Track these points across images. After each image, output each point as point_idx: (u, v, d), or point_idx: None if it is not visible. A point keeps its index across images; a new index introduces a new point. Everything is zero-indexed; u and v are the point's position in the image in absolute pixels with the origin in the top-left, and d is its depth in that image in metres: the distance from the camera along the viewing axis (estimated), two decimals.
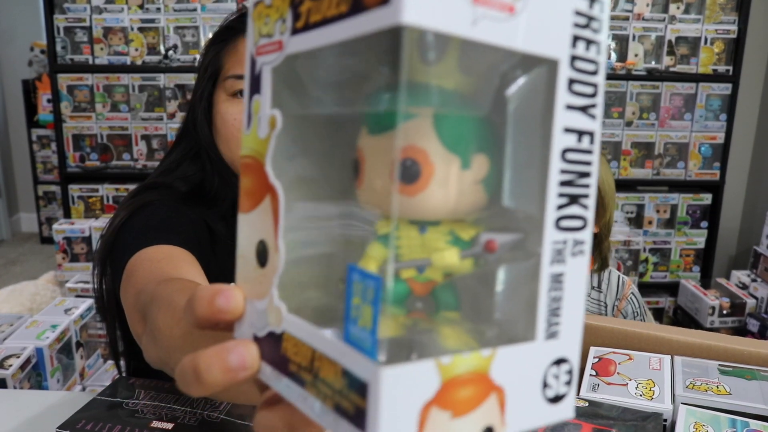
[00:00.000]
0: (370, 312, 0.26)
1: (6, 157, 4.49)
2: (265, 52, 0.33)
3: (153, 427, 0.62)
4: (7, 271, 3.83)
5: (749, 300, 2.60)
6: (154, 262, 0.77)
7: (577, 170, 0.30)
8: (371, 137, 0.30)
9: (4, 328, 1.42)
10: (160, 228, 0.86)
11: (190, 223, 0.91)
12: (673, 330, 0.83)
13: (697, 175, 2.86)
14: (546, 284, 0.29)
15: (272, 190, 0.32)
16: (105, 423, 0.62)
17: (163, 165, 1.02)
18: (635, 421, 0.64)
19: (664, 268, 2.94)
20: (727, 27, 2.73)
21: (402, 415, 0.26)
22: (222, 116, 0.94)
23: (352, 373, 0.27)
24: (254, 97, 0.34)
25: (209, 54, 0.97)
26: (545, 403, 0.30)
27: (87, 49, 2.66)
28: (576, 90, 0.29)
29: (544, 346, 0.30)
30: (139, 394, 0.68)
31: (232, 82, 0.93)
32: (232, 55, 0.95)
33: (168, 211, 0.92)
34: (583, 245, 0.30)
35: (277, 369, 0.32)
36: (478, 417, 0.28)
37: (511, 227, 0.30)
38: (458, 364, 0.27)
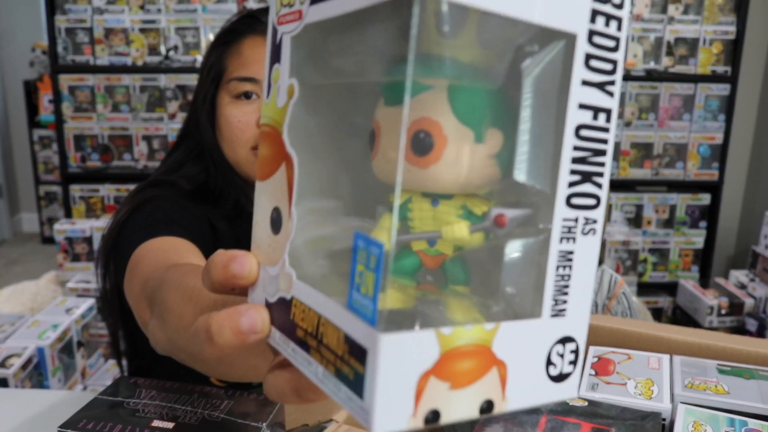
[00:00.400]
0: (372, 279, 0.26)
1: (7, 157, 4.50)
2: (286, 21, 0.33)
3: (154, 426, 0.62)
4: (9, 271, 3.84)
5: (748, 300, 2.60)
6: (160, 252, 0.77)
7: (591, 147, 0.29)
8: (388, 108, 0.30)
9: (6, 328, 1.42)
10: (165, 221, 0.87)
11: (193, 219, 0.92)
12: (672, 329, 0.83)
13: (695, 175, 2.86)
14: (554, 261, 0.29)
15: (288, 158, 0.32)
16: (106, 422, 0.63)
17: (165, 165, 1.02)
18: (634, 420, 0.64)
19: (663, 268, 2.95)
20: (726, 28, 2.73)
21: (399, 383, 0.26)
22: (226, 118, 0.94)
23: (352, 338, 0.27)
24: (274, 66, 0.34)
25: (212, 56, 0.98)
26: (548, 380, 0.30)
27: (88, 50, 2.67)
28: (593, 66, 0.28)
29: (550, 323, 0.29)
30: (140, 393, 0.68)
31: (235, 84, 0.94)
32: (235, 57, 0.96)
33: (172, 205, 0.92)
34: (596, 224, 0.30)
35: (285, 334, 0.32)
36: (477, 390, 0.28)
37: (523, 203, 0.30)
38: (459, 336, 0.27)
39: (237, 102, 0.94)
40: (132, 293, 0.77)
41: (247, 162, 0.96)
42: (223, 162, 0.97)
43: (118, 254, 0.87)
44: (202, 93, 0.97)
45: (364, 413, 0.26)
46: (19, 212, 4.65)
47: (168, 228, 0.84)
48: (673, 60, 2.76)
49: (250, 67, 0.94)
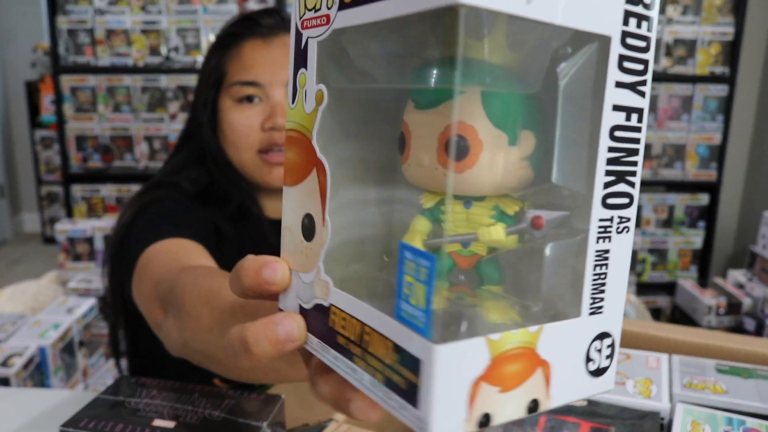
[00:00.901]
0: (423, 291, 0.26)
1: (9, 157, 4.50)
2: (312, 26, 0.32)
3: (155, 425, 0.63)
4: (10, 271, 3.85)
5: (746, 299, 2.60)
6: (170, 254, 0.77)
7: (625, 147, 0.29)
8: (418, 113, 0.30)
9: (7, 328, 1.43)
10: (171, 223, 0.87)
11: (199, 220, 0.92)
12: (671, 329, 0.82)
13: (694, 175, 2.86)
14: (591, 261, 0.29)
15: (319, 165, 0.32)
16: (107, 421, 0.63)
17: (167, 167, 1.02)
18: (633, 419, 0.64)
19: (662, 267, 2.95)
20: (724, 29, 2.74)
21: (453, 391, 0.26)
22: (230, 123, 0.95)
23: (403, 348, 0.27)
24: (300, 71, 0.34)
25: (212, 60, 0.98)
26: (588, 376, 0.31)
27: (89, 51, 2.68)
28: (626, 67, 0.29)
29: (589, 321, 0.30)
30: (141, 392, 0.69)
31: (237, 89, 0.94)
32: (236, 61, 0.95)
33: (177, 207, 0.92)
34: (629, 222, 0.31)
35: (324, 341, 0.32)
36: (524, 391, 0.28)
37: (554, 204, 0.30)
38: (507, 340, 0.27)
39: (240, 106, 0.94)
40: (142, 295, 0.77)
41: (252, 165, 0.96)
42: (226, 165, 0.97)
43: (124, 256, 0.87)
44: (203, 97, 0.97)
45: (420, 422, 0.26)
46: (21, 212, 4.65)
47: (175, 229, 0.84)
48: (671, 61, 2.77)
49: (252, 71, 0.94)
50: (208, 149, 0.98)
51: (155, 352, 0.78)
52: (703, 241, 2.95)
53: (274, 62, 0.94)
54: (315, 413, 0.69)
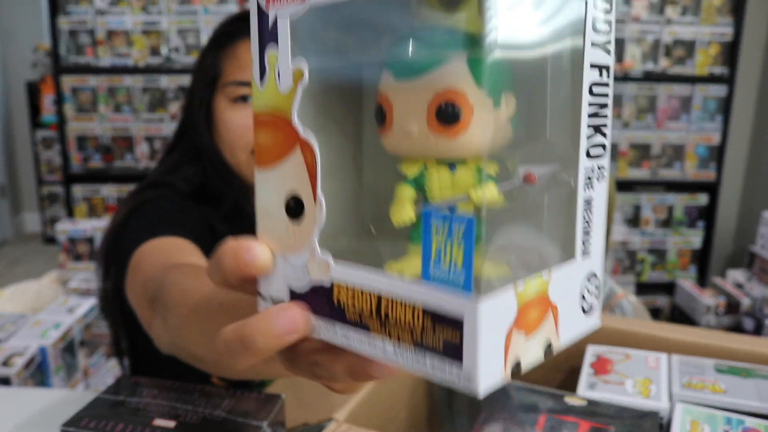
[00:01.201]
0: (461, 251, 0.27)
1: (10, 157, 4.51)
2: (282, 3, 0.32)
3: (155, 425, 0.63)
4: (11, 271, 3.85)
5: (745, 299, 2.61)
6: (161, 252, 0.77)
7: (599, 102, 0.32)
8: (400, 82, 0.31)
9: (8, 327, 1.43)
10: (165, 222, 0.87)
11: (193, 220, 0.92)
12: (670, 328, 0.82)
13: (693, 175, 2.87)
14: (581, 208, 0.32)
15: (304, 144, 0.32)
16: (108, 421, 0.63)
17: (162, 166, 1.02)
18: (632, 419, 0.64)
19: (661, 267, 2.96)
20: (723, 30, 2.74)
21: (494, 343, 0.27)
22: (225, 123, 0.94)
23: (437, 311, 0.28)
24: (268, 50, 0.33)
25: (206, 59, 0.97)
26: (582, 314, 0.33)
27: (90, 51, 2.69)
28: (598, 28, 0.31)
29: (582, 263, 0.33)
30: (142, 392, 0.69)
31: (233, 89, 0.94)
32: (232, 60, 0.95)
33: (172, 206, 0.92)
34: (604, 170, 0.33)
35: (331, 320, 0.32)
36: (542, 334, 0.30)
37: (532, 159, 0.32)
38: (528, 289, 0.29)
39: (235, 106, 0.94)
40: (134, 294, 0.78)
41: (247, 165, 0.96)
42: (221, 164, 0.97)
43: (118, 255, 0.87)
44: (198, 96, 0.97)
45: (466, 379, 0.27)
46: (22, 212, 4.65)
47: (169, 228, 0.84)
48: (671, 61, 2.77)
49: (247, 71, 0.94)
50: (202, 149, 0.97)
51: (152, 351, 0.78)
52: (702, 241, 2.95)
53: None
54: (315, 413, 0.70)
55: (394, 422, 0.77)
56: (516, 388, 0.72)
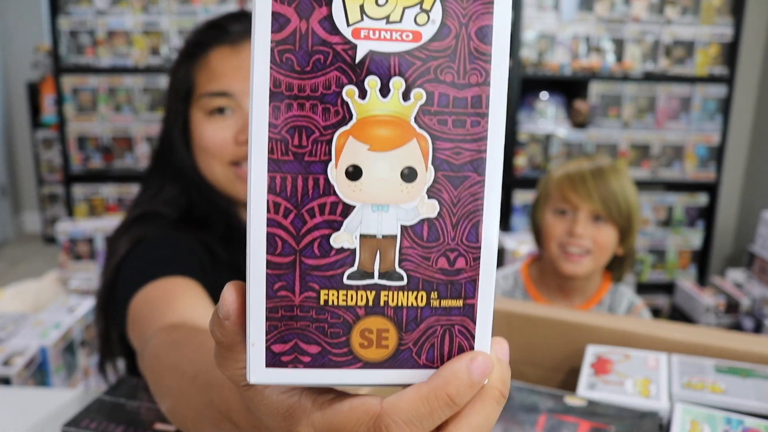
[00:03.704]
0: None
1: (10, 158, 4.51)
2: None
3: (156, 429, 0.63)
4: (12, 271, 3.85)
5: (744, 299, 2.61)
6: (155, 303, 0.74)
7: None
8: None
9: (9, 327, 1.44)
10: (160, 262, 0.83)
11: (188, 252, 0.87)
12: (670, 328, 0.82)
13: (693, 176, 2.87)
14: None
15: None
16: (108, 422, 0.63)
17: (144, 191, 0.97)
18: (632, 419, 0.64)
19: (661, 267, 2.96)
20: (723, 30, 2.74)
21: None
22: (201, 136, 0.90)
23: None
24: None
25: (180, 73, 0.93)
26: None
27: (90, 52, 2.69)
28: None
29: None
30: (143, 395, 0.69)
31: (207, 100, 0.89)
32: (204, 71, 0.91)
33: (164, 242, 0.88)
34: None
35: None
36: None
37: None
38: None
39: (211, 118, 0.90)
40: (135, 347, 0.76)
41: (225, 179, 0.92)
42: (202, 183, 0.93)
43: (116, 303, 0.83)
44: (174, 111, 0.93)
45: None
46: (22, 212, 4.66)
47: (165, 268, 0.81)
48: (670, 61, 2.77)
49: (221, 81, 0.89)
50: (183, 167, 0.93)
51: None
52: (701, 241, 2.95)
53: (243, 69, 0.89)
54: None
55: None
56: (516, 388, 0.72)
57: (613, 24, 2.72)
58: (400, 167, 0.29)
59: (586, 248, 1.23)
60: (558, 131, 2.82)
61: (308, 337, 0.29)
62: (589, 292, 1.32)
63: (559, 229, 1.26)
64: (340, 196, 0.29)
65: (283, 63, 0.28)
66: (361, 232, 0.29)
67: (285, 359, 0.29)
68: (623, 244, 1.28)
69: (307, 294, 0.29)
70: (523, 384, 0.74)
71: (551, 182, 1.30)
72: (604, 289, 1.32)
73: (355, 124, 0.28)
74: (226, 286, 0.30)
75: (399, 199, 0.29)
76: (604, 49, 2.75)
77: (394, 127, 0.29)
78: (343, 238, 0.29)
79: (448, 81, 0.29)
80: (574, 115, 2.84)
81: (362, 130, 0.28)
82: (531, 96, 2.86)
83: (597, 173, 1.25)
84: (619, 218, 1.23)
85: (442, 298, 0.30)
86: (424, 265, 0.29)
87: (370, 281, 0.29)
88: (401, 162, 0.29)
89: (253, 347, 0.29)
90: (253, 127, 0.28)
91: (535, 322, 0.89)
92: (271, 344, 0.29)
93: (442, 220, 0.29)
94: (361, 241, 0.29)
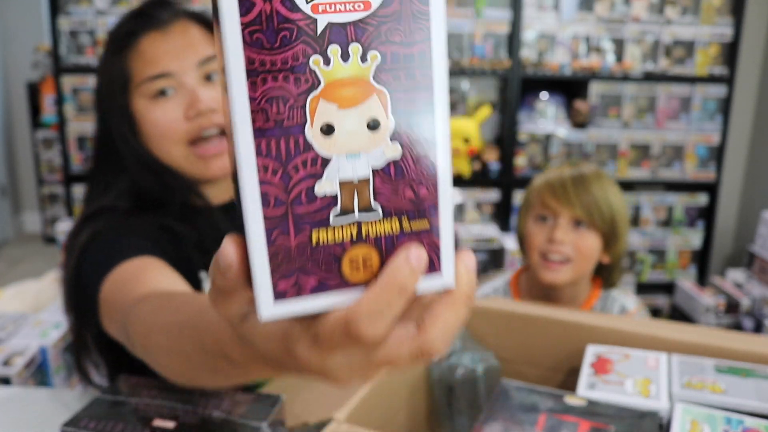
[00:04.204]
0: None
1: (10, 158, 4.51)
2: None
3: (155, 426, 0.63)
4: (12, 271, 3.85)
5: (744, 299, 2.61)
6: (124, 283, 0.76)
7: None
8: None
9: (9, 327, 1.44)
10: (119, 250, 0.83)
11: (144, 236, 0.88)
12: (670, 328, 0.83)
13: (693, 176, 2.87)
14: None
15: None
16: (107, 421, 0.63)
17: (92, 191, 0.98)
18: (632, 419, 0.64)
19: (661, 267, 2.96)
20: (723, 30, 2.75)
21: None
22: (150, 122, 0.91)
23: None
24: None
25: (112, 66, 0.93)
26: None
27: (90, 52, 2.69)
28: None
29: None
30: (141, 392, 0.69)
31: (148, 85, 0.90)
32: (138, 59, 0.91)
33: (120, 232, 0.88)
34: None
35: None
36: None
37: None
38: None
39: (156, 101, 0.91)
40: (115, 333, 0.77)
41: (185, 161, 0.93)
42: (158, 165, 0.93)
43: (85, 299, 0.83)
44: (114, 106, 0.93)
45: None
46: (22, 212, 4.66)
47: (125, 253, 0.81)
48: (670, 61, 2.77)
49: (158, 64, 0.90)
50: (133, 157, 0.93)
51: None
52: (701, 241, 2.96)
53: (176, 48, 0.91)
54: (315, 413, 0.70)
55: (394, 422, 0.77)
56: (516, 388, 0.72)
57: (613, 24, 2.72)
58: (365, 120, 0.33)
59: (567, 255, 1.21)
60: (558, 131, 2.82)
61: (306, 272, 0.34)
62: (578, 301, 1.29)
63: (540, 236, 1.24)
64: (318, 151, 0.33)
65: (254, 42, 0.31)
66: (339, 179, 0.33)
67: (289, 294, 0.33)
68: (609, 251, 1.25)
69: (300, 237, 0.33)
70: (523, 384, 0.74)
71: (533, 190, 1.29)
72: (595, 296, 1.30)
73: (323, 89, 0.33)
74: (225, 240, 0.34)
75: (368, 146, 0.34)
76: (604, 49, 2.75)
77: (357, 87, 0.33)
78: (325, 186, 0.33)
79: (397, 41, 0.33)
80: (574, 115, 2.84)
81: (330, 92, 0.33)
82: (531, 96, 2.86)
83: (578, 179, 1.23)
84: (602, 224, 1.21)
85: (411, 222, 0.35)
86: (394, 198, 0.34)
87: (352, 218, 0.34)
88: (366, 115, 0.33)
89: (261, 289, 0.33)
90: (235, 103, 0.31)
91: (535, 322, 0.89)
92: (276, 283, 0.33)
93: (405, 159, 0.34)
94: (341, 186, 0.33)
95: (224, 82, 0.32)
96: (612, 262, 1.28)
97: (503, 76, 2.77)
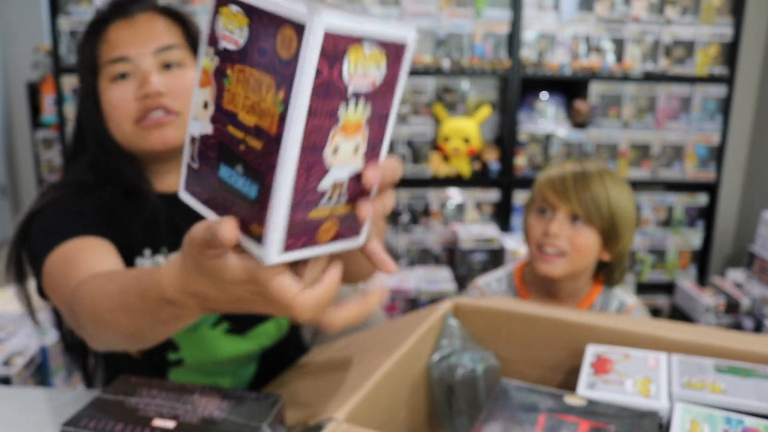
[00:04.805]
0: None
1: (10, 158, 4.51)
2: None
3: (155, 426, 0.63)
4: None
5: (744, 299, 2.61)
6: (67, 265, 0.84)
7: None
8: None
9: (8, 327, 1.44)
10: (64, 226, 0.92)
11: (90, 217, 0.96)
12: (670, 327, 0.83)
13: (693, 176, 2.87)
14: None
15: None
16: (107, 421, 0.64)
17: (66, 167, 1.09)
18: (632, 418, 0.64)
19: (661, 267, 2.96)
20: (723, 30, 2.75)
21: None
22: (108, 101, 0.98)
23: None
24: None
25: (86, 51, 1.01)
26: None
27: None
28: None
29: None
30: (141, 392, 0.69)
31: (109, 68, 0.97)
32: (105, 44, 0.99)
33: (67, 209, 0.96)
34: None
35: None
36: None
37: None
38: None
39: (115, 83, 0.98)
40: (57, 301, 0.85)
41: (133, 135, 0.99)
42: (111, 144, 1.00)
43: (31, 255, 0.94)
44: (84, 87, 1.01)
45: None
46: (22, 212, 4.66)
47: (70, 231, 0.90)
48: (670, 61, 2.77)
49: (119, 49, 0.97)
50: (93, 135, 1.01)
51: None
52: (702, 241, 2.96)
53: (139, 36, 0.98)
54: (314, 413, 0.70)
55: (394, 422, 0.77)
56: (516, 388, 0.72)
57: (613, 24, 2.72)
58: (355, 146, 0.50)
59: (562, 249, 1.22)
60: (558, 131, 2.82)
61: (300, 234, 0.50)
62: (578, 296, 1.31)
63: (538, 229, 1.26)
64: (327, 164, 0.48)
65: (317, 94, 0.45)
66: (333, 181, 0.49)
67: (290, 247, 0.49)
68: (609, 249, 1.26)
69: (303, 214, 0.49)
70: (523, 384, 0.74)
71: (537, 184, 1.30)
72: (595, 292, 1.31)
73: (341, 125, 0.48)
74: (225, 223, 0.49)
75: (351, 161, 0.50)
76: (604, 49, 2.75)
77: (356, 126, 0.49)
78: (325, 185, 0.49)
79: (380, 103, 0.50)
80: (574, 115, 2.84)
81: (344, 128, 0.48)
82: (531, 96, 2.86)
83: (579, 176, 1.24)
84: (600, 221, 1.21)
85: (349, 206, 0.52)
86: (354, 190, 0.52)
87: (331, 203, 0.50)
88: (356, 143, 0.50)
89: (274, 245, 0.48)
90: (292, 131, 0.45)
91: (535, 322, 0.89)
92: (285, 240, 0.49)
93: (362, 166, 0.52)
94: (333, 186, 0.50)
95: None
96: (613, 260, 1.28)
97: (503, 76, 2.77)
